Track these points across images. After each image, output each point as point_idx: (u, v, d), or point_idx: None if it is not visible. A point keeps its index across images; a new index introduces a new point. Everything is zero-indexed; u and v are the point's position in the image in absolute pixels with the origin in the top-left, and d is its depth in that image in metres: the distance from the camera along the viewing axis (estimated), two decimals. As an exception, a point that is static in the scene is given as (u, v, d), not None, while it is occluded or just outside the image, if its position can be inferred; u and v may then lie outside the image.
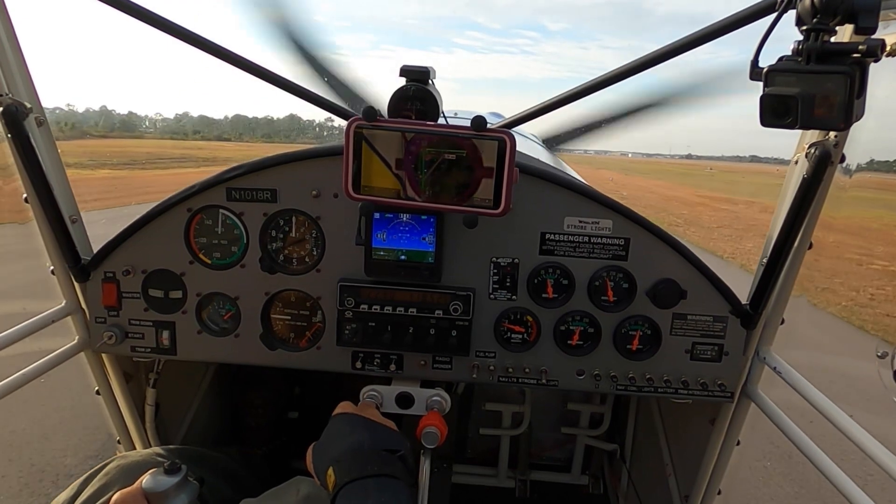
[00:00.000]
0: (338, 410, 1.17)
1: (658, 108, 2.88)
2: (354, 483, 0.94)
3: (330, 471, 0.98)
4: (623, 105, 3.05)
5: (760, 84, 0.86)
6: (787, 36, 0.86)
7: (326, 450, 1.05)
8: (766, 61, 0.86)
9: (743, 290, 1.40)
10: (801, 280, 1.33)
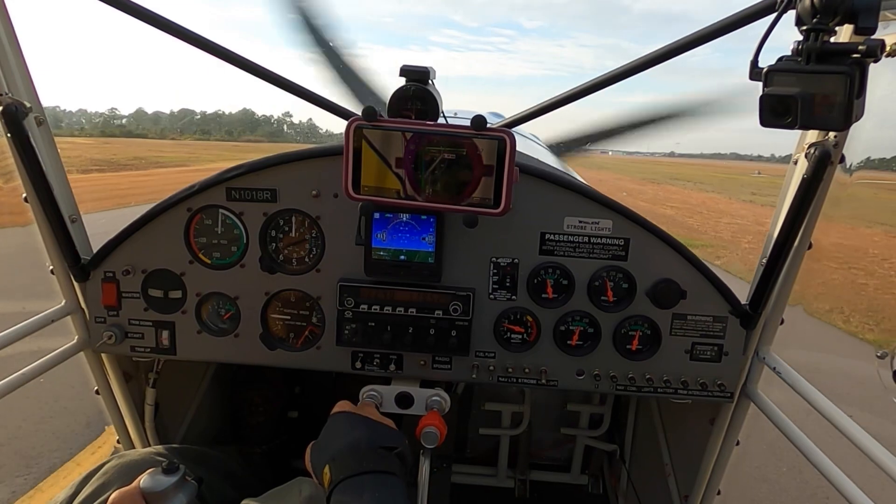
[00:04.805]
0: (336, 409, 1.17)
1: (677, 120, 2.89)
2: (350, 479, 0.94)
3: (326, 468, 0.98)
4: (640, 115, 3.07)
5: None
6: (782, 35, 0.86)
7: (324, 448, 1.05)
8: (765, 61, 0.86)
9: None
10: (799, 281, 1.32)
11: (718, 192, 31.34)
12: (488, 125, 1.12)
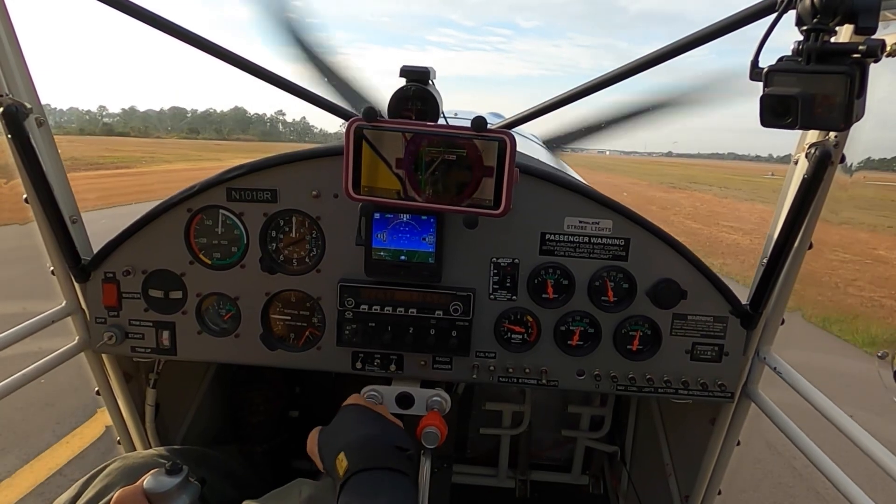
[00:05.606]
0: (349, 401, 1.18)
1: (664, 110, 2.85)
2: (370, 472, 0.94)
3: (341, 455, 0.98)
4: (629, 106, 3.02)
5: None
6: (782, 35, 0.86)
7: (337, 435, 1.06)
8: (765, 61, 0.86)
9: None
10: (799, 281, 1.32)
11: (763, 201, 24.19)
12: (488, 126, 1.12)
